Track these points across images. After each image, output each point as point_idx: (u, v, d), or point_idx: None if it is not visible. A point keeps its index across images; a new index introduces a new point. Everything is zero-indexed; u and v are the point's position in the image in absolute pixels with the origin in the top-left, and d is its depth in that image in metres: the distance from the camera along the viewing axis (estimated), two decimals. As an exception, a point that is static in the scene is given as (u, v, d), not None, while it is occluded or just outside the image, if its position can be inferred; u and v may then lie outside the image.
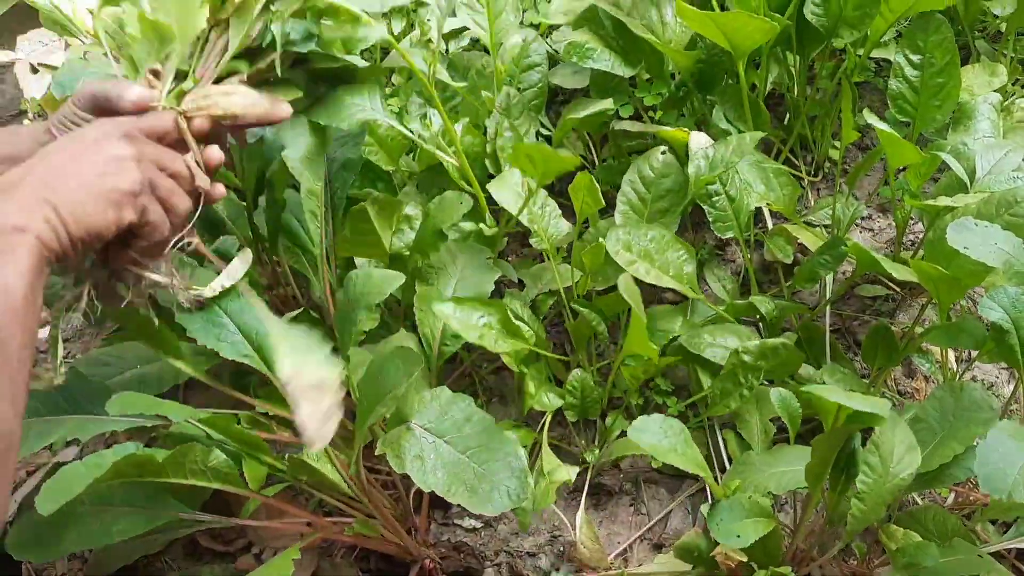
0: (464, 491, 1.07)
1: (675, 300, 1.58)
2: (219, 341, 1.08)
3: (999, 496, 0.91)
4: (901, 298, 1.60)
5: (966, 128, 1.48)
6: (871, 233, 1.71)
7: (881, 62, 1.89)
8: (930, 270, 1.16)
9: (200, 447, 1.05)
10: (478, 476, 1.08)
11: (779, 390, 1.19)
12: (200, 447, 1.05)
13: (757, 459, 1.24)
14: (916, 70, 1.47)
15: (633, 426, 1.14)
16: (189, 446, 1.04)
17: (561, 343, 1.61)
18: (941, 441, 1.14)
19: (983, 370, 1.50)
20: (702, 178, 1.39)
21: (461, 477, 1.08)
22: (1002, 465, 0.91)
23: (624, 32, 1.54)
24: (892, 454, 1.04)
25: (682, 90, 1.67)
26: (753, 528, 1.07)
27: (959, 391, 1.16)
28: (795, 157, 1.78)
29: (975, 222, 1.14)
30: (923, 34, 1.46)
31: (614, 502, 1.43)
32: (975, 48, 1.80)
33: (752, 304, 1.42)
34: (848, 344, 1.56)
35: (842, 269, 1.65)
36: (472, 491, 1.07)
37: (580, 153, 1.82)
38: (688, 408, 1.46)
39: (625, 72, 1.57)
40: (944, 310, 1.27)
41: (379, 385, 1.05)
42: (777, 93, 1.84)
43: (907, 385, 1.49)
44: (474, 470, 1.09)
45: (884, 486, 1.04)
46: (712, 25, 1.35)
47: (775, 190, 1.55)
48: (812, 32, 1.53)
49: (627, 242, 1.38)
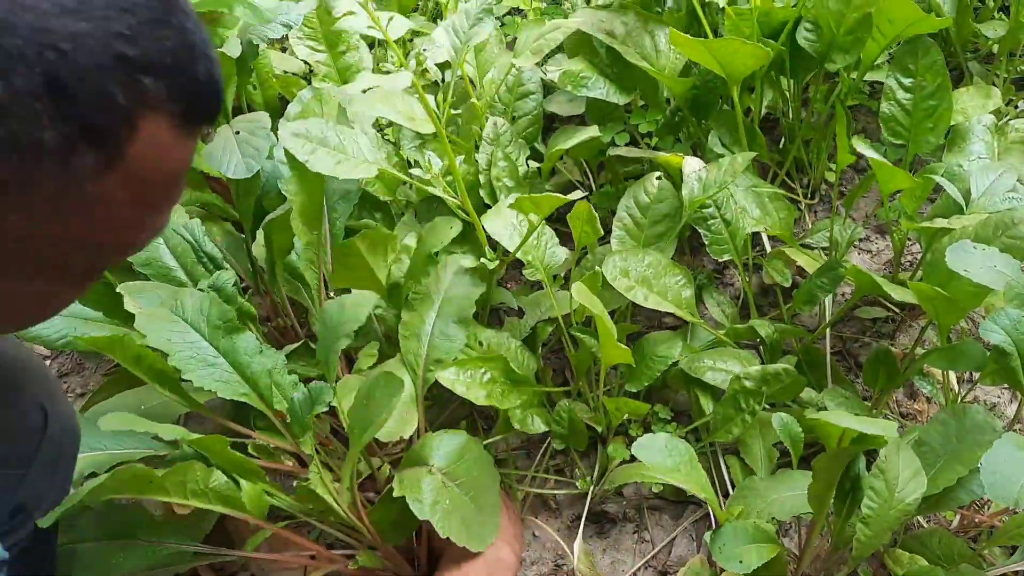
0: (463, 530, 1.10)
1: (674, 325, 1.58)
2: (215, 381, 1.09)
3: (1006, 504, 0.90)
4: (901, 319, 1.60)
5: (961, 150, 1.48)
6: (869, 255, 1.71)
7: (875, 84, 1.90)
8: (929, 291, 1.16)
9: (201, 466, 1.04)
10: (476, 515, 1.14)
11: (781, 415, 1.19)
12: (201, 466, 1.04)
13: (760, 484, 1.23)
14: (908, 93, 1.49)
15: (638, 443, 1.13)
16: (189, 464, 1.04)
17: (561, 369, 1.60)
18: (945, 464, 1.13)
19: (984, 391, 1.50)
20: (695, 200, 1.40)
21: (465, 519, 1.12)
22: (1008, 474, 0.91)
23: (618, 60, 1.56)
24: (898, 479, 1.03)
25: (677, 116, 1.68)
26: (757, 553, 1.06)
27: (962, 414, 1.16)
28: (791, 180, 1.78)
29: (974, 245, 1.14)
30: (913, 58, 1.48)
31: (617, 529, 1.41)
32: (968, 70, 1.81)
33: (752, 328, 1.42)
34: (849, 366, 1.56)
35: (841, 291, 1.65)
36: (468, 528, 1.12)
37: (576, 179, 1.83)
38: (690, 434, 1.45)
39: (620, 99, 1.58)
40: (944, 332, 1.27)
41: (367, 412, 1.06)
42: (772, 117, 1.85)
43: (909, 407, 1.49)
44: (473, 510, 1.14)
45: (890, 511, 1.03)
46: (706, 52, 1.36)
47: (771, 214, 1.55)
48: (805, 57, 1.54)
49: (624, 268, 1.38)
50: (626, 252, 1.39)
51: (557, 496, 1.44)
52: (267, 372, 1.18)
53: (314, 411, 1.10)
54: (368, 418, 1.05)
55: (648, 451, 1.12)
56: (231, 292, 1.21)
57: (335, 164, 1.15)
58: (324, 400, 1.10)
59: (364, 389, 1.10)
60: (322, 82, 1.78)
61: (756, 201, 1.55)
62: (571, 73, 1.55)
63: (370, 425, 1.04)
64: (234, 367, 1.18)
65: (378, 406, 1.05)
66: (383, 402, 1.04)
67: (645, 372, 1.38)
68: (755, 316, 1.51)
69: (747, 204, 1.53)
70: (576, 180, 1.83)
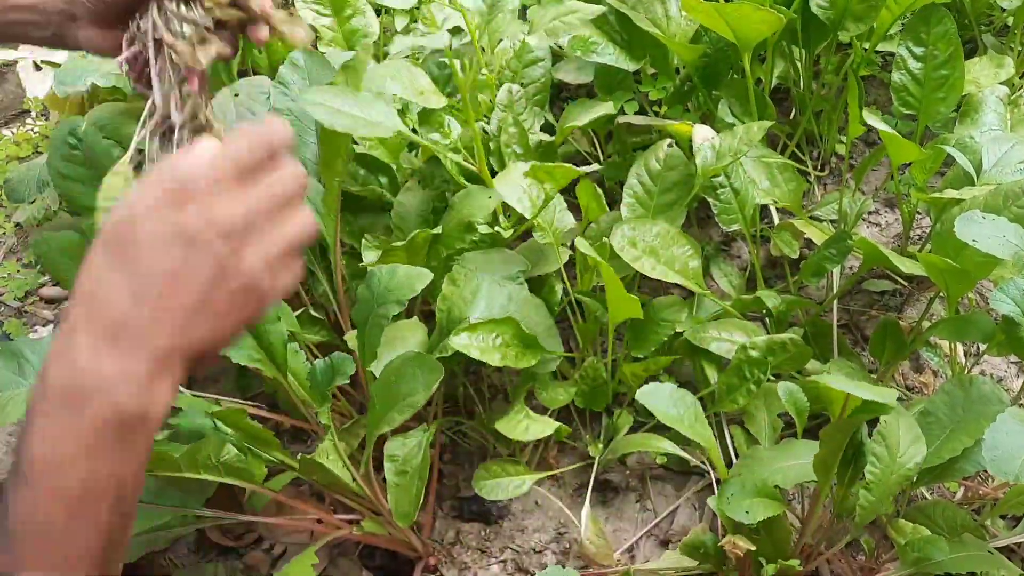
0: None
1: (681, 295, 1.57)
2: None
3: (1006, 479, 0.91)
4: (909, 292, 1.59)
5: (973, 121, 1.47)
6: (878, 228, 1.70)
7: (887, 56, 1.88)
8: (939, 262, 1.15)
9: (213, 442, 1.04)
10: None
11: (787, 384, 1.18)
12: (213, 442, 1.04)
13: (764, 453, 1.23)
14: (919, 63, 1.47)
15: (643, 390, 1.13)
16: (204, 442, 1.03)
17: (565, 339, 1.60)
18: (950, 435, 1.13)
19: (991, 364, 1.49)
20: (709, 169, 1.38)
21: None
22: (1010, 449, 0.91)
23: (628, 26, 1.54)
24: (899, 444, 1.03)
25: (687, 84, 1.66)
26: (763, 507, 1.07)
27: (968, 385, 1.15)
28: (801, 152, 1.77)
29: (983, 215, 1.13)
30: (926, 26, 1.45)
31: (620, 498, 1.42)
32: (981, 42, 1.79)
33: (759, 299, 1.42)
34: (855, 339, 1.55)
35: (849, 264, 1.64)
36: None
37: (585, 150, 1.81)
38: (694, 404, 1.45)
39: (629, 66, 1.56)
40: (952, 303, 1.26)
41: (396, 390, 1.04)
42: (782, 88, 1.83)
43: (915, 380, 1.49)
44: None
45: (891, 476, 1.03)
46: (718, 17, 1.35)
47: (780, 186, 1.54)
48: (818, 25, 1.52)
49: (632, 238, 1.37)
50: (635, 221, 1.38)
51: (560, 464, 1.44)
52: (283, 341, 1.18)
53: (335, 382, 1.10)
54: (395, 397, 1.03)
55: (654, 398, 1.12)
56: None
57: (355, 126, 1.15)
58: (345, 372, 1.09)
59: (396, 364, 1.08)
60: (328, 46, 1.76)
61: (766, 172, 1.54)
62: (581, 38, 1.53)
63: (396, 404, 1.02)
64: (251, 334, 1.17)
65: (409, 386, 1.03)
66: (415, 385, 1.02)
67: (652, 336, 1.38)
68: (762, 287, 1.51)
69: (756, 175, 1.51)
70: (585, 151, 1.82)
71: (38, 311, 1.82)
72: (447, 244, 1.30)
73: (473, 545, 1.36)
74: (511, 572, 1.34)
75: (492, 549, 1.35)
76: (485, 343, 1.25)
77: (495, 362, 1.24)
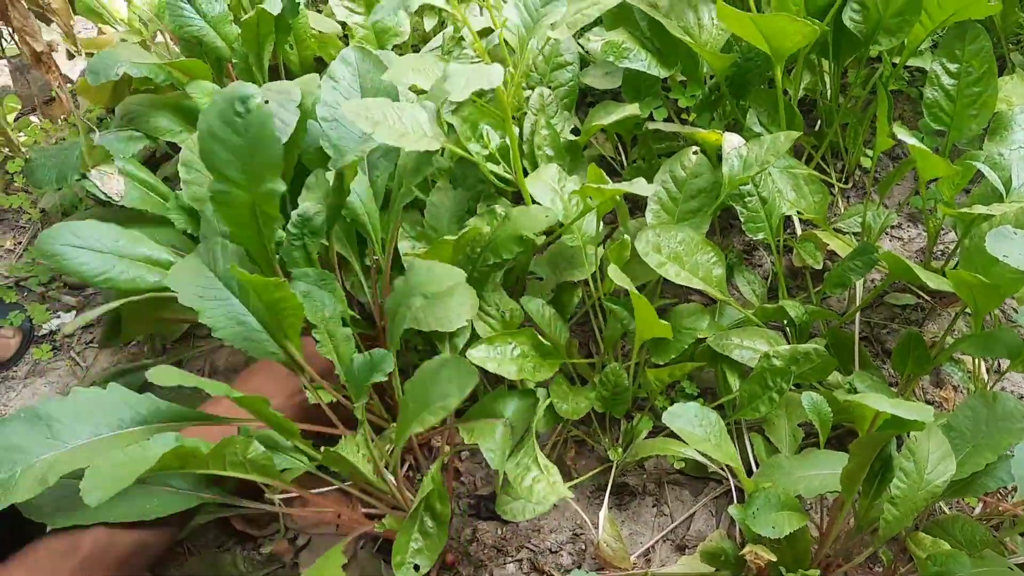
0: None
1: (703, 302, 1.58)
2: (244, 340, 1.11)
3: (1035, 500, 0.91)
4: (930, 307, 1.59)
5: (1002, 138, 1.47)
6: (901, 242, 1.70)
7: (915, 71, 1.88)
8: (969, 278, 1.15)
9: (240, 440, 1.04)
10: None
11: (811, 395, 1.19)
12: (240, 440, 1.04)
13: (786, 462, 1.23)
14: (953, 79, 1.47)
15: (669, 411, 1.14)
16: (230, 439, 1.03)
17: (585, 342, 1.60)
18: (974, 450, 1.13)
19: (1012, 381, 1.49)
20: (736, 178, 1.39)
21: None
22: (1039, 469, 0.91)
23: (660, 33, 1.55)
24: (927, 460, 1.03)
25: (715, 93, 1.66)
26: (788, 520, 1.07)
27: (992, 401, 1.15)
28: (826, 164, 1.77)
29: (1015, 231, 1.13)
30: (961, 43, 1.46)
31: (637, 502, 1.42)
32: (1010, 60, 1.79)
33: (781, 308, 1.42)
34: (876, 352, 1.55)
35: (870, 277, 1.64)
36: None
37: (609, 155, 1.82)
38: (715, 411, 1.45)
39: (660, 73, 1.57)
40: (979, 319, 1.26)
41: (430, 391, 1.04)
42: (808, 99, 1.83)
43: (935, 394, 1.49)
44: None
45: (918, 492, 1.03)
46: (752, 26, 1.35)
47: (806, 197, 1.54)
48: (849, 38, 1.52)
49: (657, 244, 1.38)
50: (659, 227, 1.38)
51: (578, 466, 1.44)
52: (297, 332, 1.18)
53: (372, 378, 1.09)
54: (429, 398, 1.03)
55: (680, 420, 1.12)
56: (318, 225, 1.20)
57: (399, 137, 1.16)
58: (384, 369, 1.09)
59: (432, 365, 1.07)
60: (359, 44, 1.77)
61: (792, 183, 1.54)
62: (614, 43, 1.54)
63: (429, 406, 1.02)
64: (264, 327, 1.16)
65: (445, 389, 1.02)
66: (450, 387, 1.02)
67: (673, 345, 1.38)
68: (784, 297, 1.51)
69: (783, 185, 1.52)
70: (609, 155, 1.82)
71: (61, 296, 1.83)
72: (496, 253, 1.30)
73: (489, 543, 1.36)
74: (527, 571, 1.34)
75: (508, 548, 1.36)
76: (503, 355, 1.26)
77: (512, 376, 1.25)
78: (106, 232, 1.28)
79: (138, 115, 1.63)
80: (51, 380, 1.70)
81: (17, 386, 1.69)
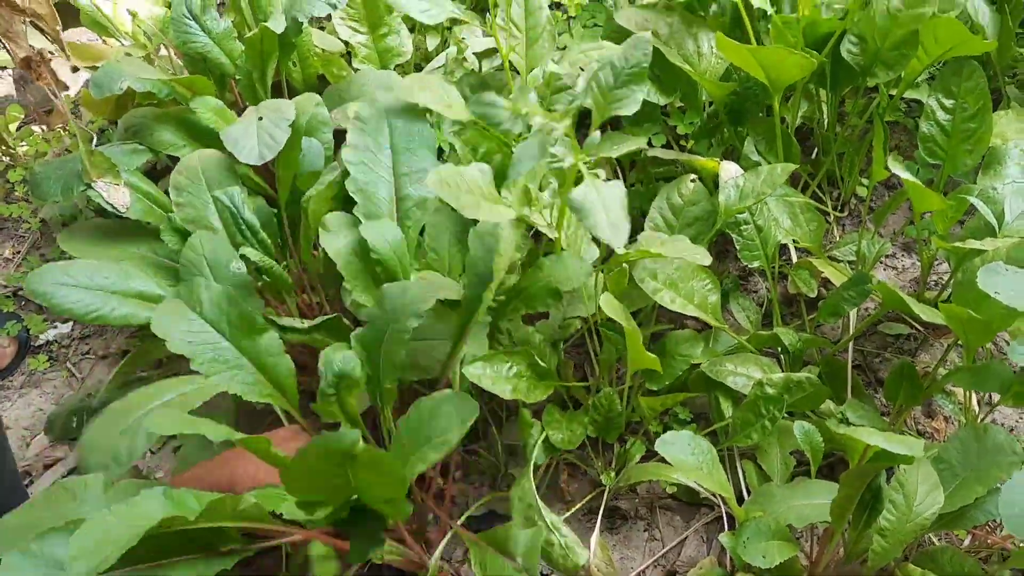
0: None
1: (697, 328, 1.59)
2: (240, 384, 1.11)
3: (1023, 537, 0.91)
4: (923, 337, 1.60)
5: (996, 172, 1.49)
6: (895, 271, 1.72)
7: (911, 103, 1.90)
8: (961, 313, 1.17)
9: (229, 497, 0.99)
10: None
11: (803, 424, 1.20)
12: (229, 497, 0.99)
13: (777, 491, 1.24)
14: (948, 114, 1.49)
15: (662, 439, 1.14)
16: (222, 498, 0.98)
17: (581, 364, 1.61)
18: (963, 483, 1.14)
19: (1003, 413, 1.51)
20: (732, 208, 1.40)
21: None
22: (1028, 508, 0.92)
23: (661, 61, 1.56)
24: (916, 492, 1.05)
25: (714, 120, 1.68)
26: (778, 550, 1.08)
27: (983, 434, 1.17)
28: (822, 192, 1.79)
29: (1006, 267, 1.14)
30: (956, 79, 1.48)
31: (628, 526, 1.43)
32: (1006, 94, 1.81)
33: (775, 335, 1.43)
34: (869, 380, 1.57)
35: (865, 305, 1.65)
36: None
37: (607, 177, 1.83)
38: (707, 437, 1.46)
39: (660, 100, 1.58)
40: (971, 353, 1.27)
41: (430, 427, 1.02)
42: (806, 127, 1.85)
43: (927, 425, 1.50)
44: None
45: (907, 524, 1.04)
46: (751, 58, 1.37)
47: (802, 225, 1.56)
48: (847, 69, 1.54)
49: (653, 271, 1.39)
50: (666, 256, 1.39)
51: (571, 489, 1.45)
52: (291, 373, 1.19)
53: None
54: (429, 433, 1.01)
55: (673, 448, 1.13)
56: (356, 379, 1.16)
57: (477, 209, 1.16)
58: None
59: (429, 403, 1.05)
60: (362, 63, 1.79)
61: (788, 211, 1.55)
62: (613, 71, 1.55)
63: (430, 441, 0.99)
64: (259, 369, 1.17)
65: (444, 424, 1.00)
66: (450, 421, 1.00)
67: (667, 371, 1.39)
68: (778, 324, 1.52)
69: (779, 214, 1.53)
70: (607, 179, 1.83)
71: (58, 307, 1.83)
72: (530, 304, 1.29)
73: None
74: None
75: (500, 570, 1.36)
76: (498, 373, 1.27)
77: (506, 395, 1.25)
78: (97, 269, 1.28)
79: (141, 128, 1.64)
80: (46, 391, 1.70)
81: (12, 396, 1.69)
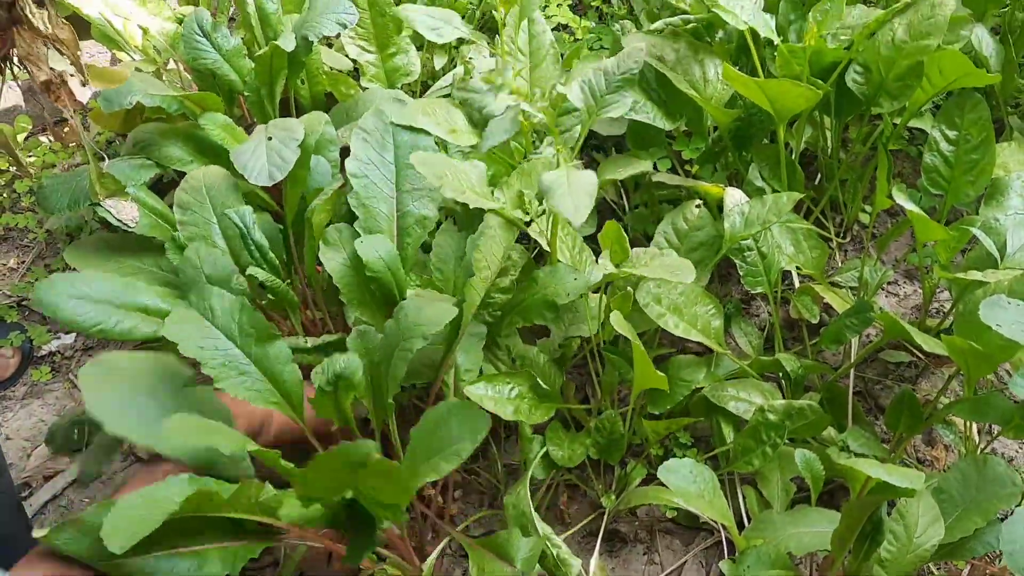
0: None
1: (699, 352, 1.59)
2: (247, 390, 1.11)
3: (1022, 575, 0.92)
4: (924, 365, 1.61)
5: (998, 203, 1.50)
6: (897, 298, 1.72)
7: (913, 131, 1.91)
8: (962, 344, 1.17)
9: (255, 484, 1.03)
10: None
11: (803, 452, 1.20)
12: (255, 484, 1.03)
13: (778, 518, 1.25)
14: (951, 145, 1.50)
15: (664, 466, 1.15)
16: (248, 484, 1.02)
17: (582, 385, 1.62)
18: (963, 514, 1.15)
19: (1003, 443, 1.51)
20: (737, 235, 1.41)
21: None
22: (1030, 544, 0.92)
23: (667, 86, 1.58)
24: (917, 523, 1.05)
25: (719, 145, 1.69)
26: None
27: (983, 465, 1.17)
28: (825, 218, 1.80)
29: (1008, 300, 1.15)
30: (960, 111, 1.49)
31: (628, 549, 1.43)
32: (1009, 124, 1.83)
33: (777, 361, 1.44)
34: (869, 407, 1.57)
35: (866, 332, 1.66)
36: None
37: (611, 199, 1.84)
38: (708, 461, 1.46)
39: (666, 125, 1.59)
40: (972, 384, 1.28)
41: (441, 437, 1.02)
42: (810, 153, 1.86)
43: (927, 453, 1.50)
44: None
45: (907, 555, 1.05)
46: (757, 89, 1.38)
47: (805, 252, 1.57)
48: (851, 98, 1.56)
49: (657, 295, 1.40)
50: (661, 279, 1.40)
51: (571, 511, 1.45)
52: (299, 382, 1.20)
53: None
54: (440, 444, 1.01)
55: (674, 475, 1.13)
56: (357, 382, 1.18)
57: (462, 193, 1.20)
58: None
59: (438, 412, 1.05)
60: (370, 82, 1.80)
61: (791, 238, 1.56)
62: (620, 95, 1.56)
63: (441, 452, 1.00)
64: (267, 376, 1.18)
65: (456, 434, 1.00)
66: (461, 433, 1.00)
67: (670, 395, 1.40)
68: (780, 349, 1.53)
69: (782, 240, 1.54)
70: (611, 199, 1.85)
71: (62, 318, 1.83)
72: (526, 317, 1.31)
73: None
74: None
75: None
76: (500, 394, 1.27)
77: (507, 416, 1.25)
78: (103, 281, 1.29)
79: (150, 143, 1.65)
80: (48, 402, 1.70)
81: (14, 407, 1.69)
